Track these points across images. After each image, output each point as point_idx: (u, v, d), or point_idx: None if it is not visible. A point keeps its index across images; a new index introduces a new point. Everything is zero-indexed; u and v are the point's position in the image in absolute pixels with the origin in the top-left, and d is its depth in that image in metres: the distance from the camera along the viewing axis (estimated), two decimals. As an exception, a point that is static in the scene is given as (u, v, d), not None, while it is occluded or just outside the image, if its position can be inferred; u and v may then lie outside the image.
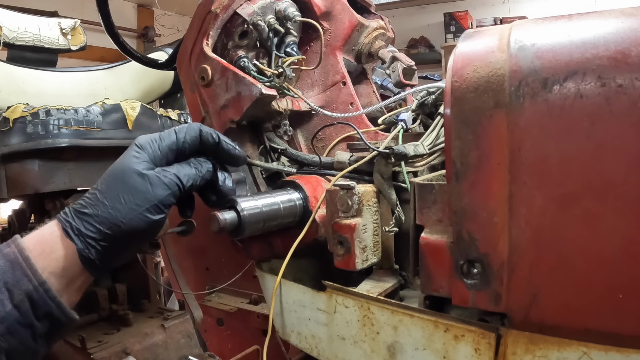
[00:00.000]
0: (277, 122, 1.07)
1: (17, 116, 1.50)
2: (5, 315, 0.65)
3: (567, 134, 0.57)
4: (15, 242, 0.70)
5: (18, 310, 0.66)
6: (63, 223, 0.72)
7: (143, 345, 1.69)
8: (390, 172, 0.85)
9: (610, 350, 0.56)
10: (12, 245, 0.69)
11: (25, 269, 0.67)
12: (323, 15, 1.16)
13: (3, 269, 0.67)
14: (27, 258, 0.68)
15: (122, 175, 0.74)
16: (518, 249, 0.60)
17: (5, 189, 1.56)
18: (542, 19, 0.66)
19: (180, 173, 0.77)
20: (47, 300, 0.68)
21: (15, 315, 0.66)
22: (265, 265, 0.98)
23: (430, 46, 6.46)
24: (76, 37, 2.14)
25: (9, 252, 0.68)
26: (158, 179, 0.74)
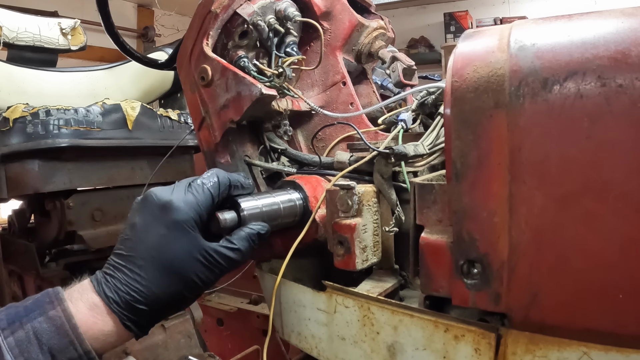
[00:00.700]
0: (277, 122, 1.07)
1: (17, 116, 1.51)
2: None
3: (567, 134, 0.57)
4: (62, 305, 0.69)
5: None
6: (106, 302, 0.72)
7: (143, 345, 1.69)
8: (390, 172, 0.85)
9: (611, 350, 0.56)
10: (59, 309, 0.69)
11: (72, 337, 0.67)
12: (323, 15, 1.16)
13: (49, 334, 0.67)
14: (75, 327, 0.68)
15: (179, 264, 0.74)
16: (518, 249, 0.60)
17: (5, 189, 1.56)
18: (542, 19, 0.66)
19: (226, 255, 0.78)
20: None
21: None
22: (265, 265, 0.98)
23: (430, 46, 6.46)
24: (76, 37, 2.14)
25: (56, 316, 0.68)
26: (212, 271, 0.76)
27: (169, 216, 0.75)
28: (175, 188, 0.78)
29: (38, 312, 0.68)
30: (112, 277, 0.73)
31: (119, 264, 0.74)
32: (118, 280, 0.72)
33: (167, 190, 0.77)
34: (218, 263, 0.76)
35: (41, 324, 0.67)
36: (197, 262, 0.74)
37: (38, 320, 0.67)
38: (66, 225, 1.71)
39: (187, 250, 0.74)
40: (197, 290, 0.77)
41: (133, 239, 0.74)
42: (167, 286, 0.73)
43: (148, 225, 0.75)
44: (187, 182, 0.79)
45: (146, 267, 0.73)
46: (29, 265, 1.80)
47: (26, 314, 0.68)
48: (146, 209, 0.76)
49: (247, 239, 0.80)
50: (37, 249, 1.79)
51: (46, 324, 0.67)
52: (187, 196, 0.77)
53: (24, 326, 0.67)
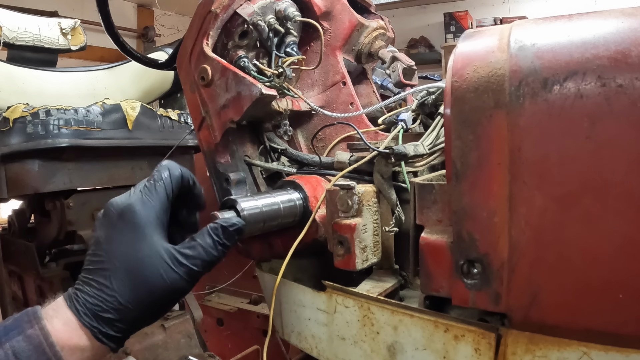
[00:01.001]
0: (277, 122, 1.07)
1: (17, 116, 1.51)
2: None
3: (567, 134, 0.57)
4: (39, 324, 0.69)
5: None
6: (78, 316, 0.71)
7: (143, 345, 1.69)
8: (390, 172, 0.85)
9: (611, 350, 0.56)
10: (36, 327, 0.69)
11: (49, 355, 0.67)
12: (323, 15, 1.16)
13: (28, 352, 0.67)
14: (52, 345, 0.68)
15: (143, 269, 0.73)
16: (518, 249, 0.60)
17: (5, 189, 1.56)
18: (542, 19, 0.66)
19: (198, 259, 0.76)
20: None
21: None
22: (265, 265, 0.98)
23: (430, 46, 6.46)
24: (76, 37, 2.14)
25: (33, 335, 0.68)
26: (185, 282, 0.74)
27: (128, 222, 0.74)
28: (132, 192, 0.77)
29: (16, 331, 0.68)
30: (81, 291, 0.72)
31: (87, 277, 0.73)
32: (87, 294, 0.72)
33: (124, 197, 0.76)
34: (183, 264, 0.73)
35: (19, 343, 0.67)
36: (162, 265, 0.72)
37: (16, 340, 0.67)
38: (66, 225, 1.71)
39: (149, 254, 0.73)
40: (169, 295, 0.74)
41: (98, 252, 0.74)
42: (135, 293, 0.72)
43: (110, 235, 0.74)
44: (142, 184, 0.78)
45: (112, 276, 0.72)
46: (29, 265, 1.80)
47: (5, 334, 0.68)
48: (106, 220, 0.75)
49: (208, 234, 0.77)
50: (37, 249, 1.79)
51: (24, 343, 0.67)
52: (143, 198, 0.75)
53: (2, 345, 0.67)
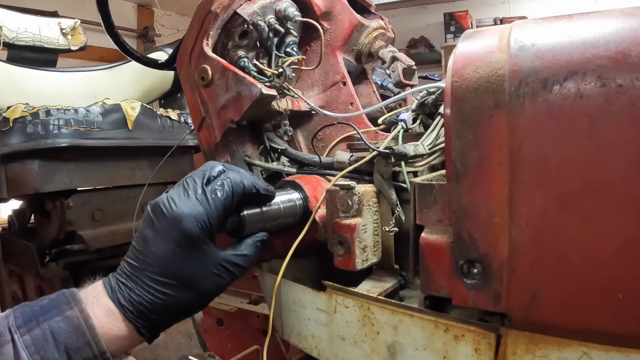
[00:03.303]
0: (277, 122, 1.07)
1: (17, 116, 1.51)
2: None
3: (567, 134, 0.57)
4: (79, 306, 0.70)
5: None
6: (122, 310, 0.72)
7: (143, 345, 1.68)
8: (390, 172, 0.85)
9: (611, 350, 0.56)
10: (76, 309, 0.70)
11: (89, 337, 0.68)
12: (323, 15, 1.16)
13: (66, 333, 0.67)
14: (92, 327, 0.69)
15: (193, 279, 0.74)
16: (518, 249, 0.60)
17: (5, 189, 1.56)
18: (542, 19, 0.66)
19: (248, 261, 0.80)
20: None
21: None
22: (265, 266, 0.98)
23: (430, 46, 6.46)
24: (76, 37, 2.14)
25: (73, 317, 0.69)
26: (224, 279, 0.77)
27: (180, 231, 0.73)
28: (186, 197, 0.75)
29: (55, 311, 0.69)
30: (125, 286, 0.73)
31: (132, 274, 0.74)
32: (132, 291, 0.73)
33: (177, 200, 0.74)
34: (230, 272, 0.77)
35: (58, 324, 0.68)
36: (210, 275, 0.75)
37: (55, 320, 0.68)
38: (66, 225, 1.71)
39: (200, 265, 0.74)
40: (209, 299, 0.78)
41: (144, 252, 0.74)
42: (181, 298, 0.74)
43: (159, 239, 0.74)
44: (198, 189, 0.76)
45: (160, 280, 0.73)
46: (29, 265, 1.80)
47: (42, 313, 0.69)
48: (157, 221, 0.74)
49: (253, 245, 0.81)
50: (37, 249, 1.79)
51: (63, 324, 0.68)
52: (197, 208, 0.74)
53: (40, 325, 0.67)
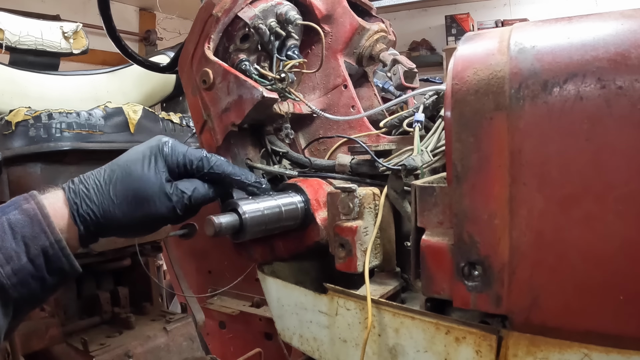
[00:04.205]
0: (279, 125, 1.07)
1: (19, 119, 1.51)
2: (20, 268, 0.68)
3: (567, 136, 0.57)
4: (35, 199, 0.73)
5: (32, 264, 0.69)
6: (70, 204, 0.75)
7: (145, 348, 1.69)
8: (402, 186, 0.85)
9: (612, 351, 0.56)
10: (32, 202, 0.72)
11: (43, 225, 0.70)
12: (324, 18, 1.17)
13: (22, 223, 0.70)
14: (47, 215, 0.71)
15: (138, 183, 0.78)
16: (519, 251, 0.60)
17: (7, 192, 1.56)
18: (542, 21, 0.66)
19: (194, 194, 0.82)
20: (60, 257, 0.72)
21: (29, 268, 0.69)
22: (267, 268, 0.98)
23: (432, 49, 6.46)
24: (78, 41, 2.15)
25: (29, 208, 0.71)
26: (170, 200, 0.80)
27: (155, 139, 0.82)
28: None
29: (13, 207, 0.72)
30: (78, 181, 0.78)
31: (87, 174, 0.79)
32: (82, 182, 0.77)
33: None
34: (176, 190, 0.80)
35: (15, 216, 0.70)
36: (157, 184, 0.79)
37: (12, 213, 0.71)
38: (68, 228, 1.71)
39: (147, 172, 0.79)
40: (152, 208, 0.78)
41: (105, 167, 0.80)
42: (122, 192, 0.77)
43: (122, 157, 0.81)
44: None
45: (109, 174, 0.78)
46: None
47: (1, 210, 0.71)
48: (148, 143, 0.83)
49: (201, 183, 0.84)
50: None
51: (20, 215, 0.70)
52: (186, 145, 0.83)
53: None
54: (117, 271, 1.92)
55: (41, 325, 1.63)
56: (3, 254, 0.67)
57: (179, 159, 0.82)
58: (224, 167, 0.85)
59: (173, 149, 0.82)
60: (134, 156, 0.80)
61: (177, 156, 0.82)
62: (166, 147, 0.82)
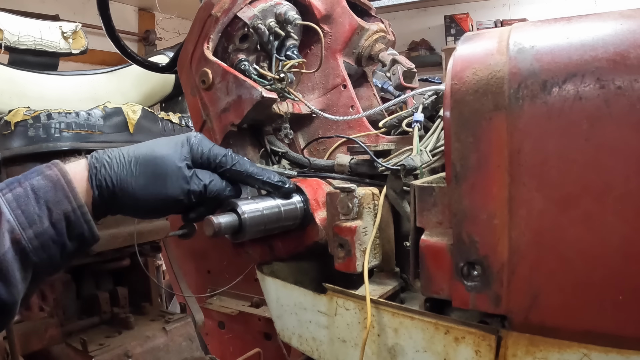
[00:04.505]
0: (278, 125, 1.07)
1: (18, 119, 1.51)
2: (42, 232, 0.69)
3: (566, 136, 0.57)
4: (57, 166, 0.73)
5: (54, 228, 0.70)
6: (90, 167, 0.76)
7: (144, 348, 1.69)
8: (401, 186, 0.85)
9: (611, 351, 0.56)
10: (55, 168, 0.73)
11: (66, 190, 0.71)
12: (323, 18, 1.17)
13: (45, 189, 0.70)
14: (70, 181, 0.72)
15: (160, 160, 0.79)
16: (518, 251, 0.60)
17: (7, 193, 1.56)
18: (541, 22, 0.66)
19: (210, 185, 0.83)
20: (81, 223, 0.72)
21: (51, 233, 0.69)
22: (267, 268, 0.98)
23: (431, 49, 6.45)
24: (77, 41, 2.14)
25: (52, 174, 0.72)
26: (187, 183, 0.81)
27: (186, 138, 0.84)
28: None
29: (36, 173, 0.72)
30: (102, 153, 0.79)
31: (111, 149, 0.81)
32: (105, 153, 0.79)
33: None
34: (194, 178, 0.81)
35: (39, 181, 0.71)
36: (177, 170, 0.79)
37: (36, 179, 0.71)
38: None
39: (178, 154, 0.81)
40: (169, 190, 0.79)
41: None
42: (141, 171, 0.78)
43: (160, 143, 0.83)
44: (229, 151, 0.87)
45: (132, 151, 0.80)
46: (31, 268, 1.80)
47: (24, 176, 0.72)
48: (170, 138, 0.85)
49: None
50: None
51: (43, 181, 0.71)
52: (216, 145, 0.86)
53: (22, 184, 0.70)
54: (117, 271, 1.91)
55: (40, 326, 1.62)
56: (26, 217, 0.68)
57: (204, 151, 0.83)
58: (247, 166, 0.86)
59: (200, 140, 0.84)
60: (162, 140, 0.83)
61: (202, 148, 0.83)
62: (194, 138, 0.84)
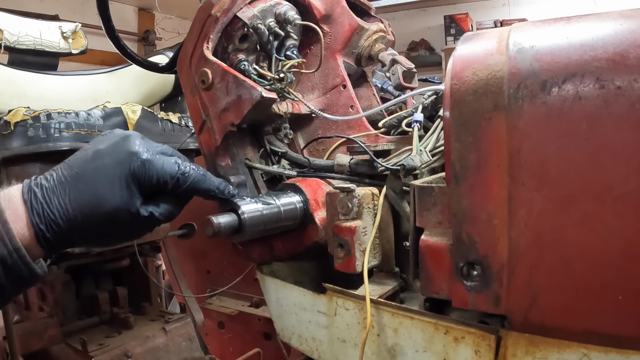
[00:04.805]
0: (278, 125, 1.07)
1: (18, 119, 1.51)
2: None
3: (566, 136, 0.57)
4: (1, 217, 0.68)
5: None
6: (28, 208, 0.70)
7: (144, 348, 1.69)
8: (401, 186, 0.85)
9: (610, 351, 0.56)
10: None
11: (1, 232, 0.66)
12: (323, 18, 1.17)
13: None
14: (6, 222, 0.67)
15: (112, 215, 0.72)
16: (517, 251, 0.60)
17: (6, 193, 1.56)
18: (541, 22, 0.66)
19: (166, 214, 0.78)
20: (20, 266, 0.67)
21: None
22: (266, 268, 0.98)
23: (431, 49, 6.45)
24: (77, 41, 2.14)
25: None
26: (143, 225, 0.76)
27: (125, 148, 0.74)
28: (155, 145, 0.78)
29: None
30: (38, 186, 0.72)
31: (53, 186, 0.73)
32: (40, 187, 0.72)
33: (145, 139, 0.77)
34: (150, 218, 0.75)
35: None
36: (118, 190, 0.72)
37: None
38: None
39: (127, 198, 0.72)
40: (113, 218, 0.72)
41: (73, 158, 0.75)
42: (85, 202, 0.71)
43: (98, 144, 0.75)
44: (170, 150, 0.79)
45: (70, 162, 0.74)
46: (30, 268, 1.80)
47: None
48: (109, 136, 0.76)
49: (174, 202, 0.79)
50: (38, 253, 1.79)
51: None
52: (159, 156, 0.76)
53: None
54: (116, 271, 1.92)
55: (40, 326, 1.63)
56: None
57: (153, 182, 0.75)
58: (199, 185, 0.79)
59: (146, 169, 0.74)
60: (105, 176, 0.73)
61: (150, 178, 0.74)
62: (137, 166, 0.74)
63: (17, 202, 0.70)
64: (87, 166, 0.73)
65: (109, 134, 0.78)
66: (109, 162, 0.73)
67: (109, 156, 0.74)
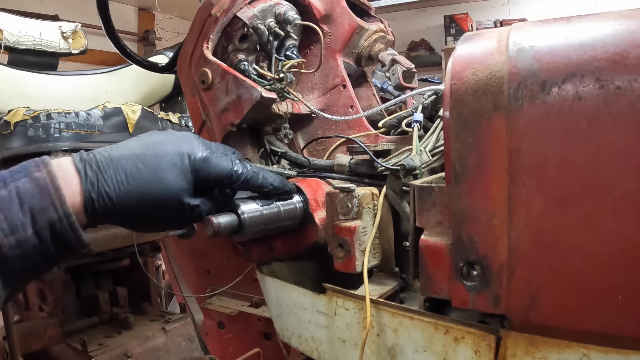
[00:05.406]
0: (278, 125, 1.07)
1: (18, 119, 1.51)
2: (24, 239, 0.65)
3: (566, 136, 0.57)
4: (47, 168, 0.69)
5: (37, 237, 0.65)
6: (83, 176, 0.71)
7: (144, 348, 1.69)
8: (401, 186, 0.85)
9: (610, 351, 0.56)
10: (43, 170, 0.68)
11: (53, 197, 0.66)
12: (323, 18, 1.17)
13: (31, 193, 0.66)
14: (58, 187, 0.67)
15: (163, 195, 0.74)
16: (517, 251, 0.60)
17: (6, 193, 1.56)
18: (540, 22, 0.66)
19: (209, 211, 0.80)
20: (68, 232, 0.67)
21: (34, 241, 0.65)
22: (266, 268, 0.98)
23: (431, 49, 6.45)
24: (77, 41, 2.14)
25: (39, 177, 0.67)
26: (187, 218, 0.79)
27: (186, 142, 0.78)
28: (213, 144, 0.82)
29: (23, 173, 0.68)
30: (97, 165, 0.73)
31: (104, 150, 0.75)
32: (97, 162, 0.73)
33: None
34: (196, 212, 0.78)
35: (25, 184, 0.66)
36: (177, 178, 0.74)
37: (22, 181, 0.66)
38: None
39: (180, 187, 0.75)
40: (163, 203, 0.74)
41: None
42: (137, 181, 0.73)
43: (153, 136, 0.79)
44: (228, 150, 0.83)
45: (121, 145, 0.75)
46: (30, 268, 1.80)
47: (11, 176, 0.67)
48: (162, 132, 0.80)
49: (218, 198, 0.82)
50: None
51: (30, 184, 0.66)
52: (217, 154, 0.80)
53: (7, 185, 0.66)
54: (116, 271, 1.91)
55: (40, 326, 1.63)
56: (8, 224, 0.64)
57: (209, 178, 0.78)
58: (252, 182, 0.83)
59: (205, 165, 0.78)
60: (165, 162, 0.75)
61: (207, 174, 0.78)
62: (198, 160, 0.77)
63: (69, 169, 0.71)
64: (146, 151, 0.75)
65: (158, 131, 0.82)
66: (170, 150, 0.76)
67: (171, 146, 0.77)
